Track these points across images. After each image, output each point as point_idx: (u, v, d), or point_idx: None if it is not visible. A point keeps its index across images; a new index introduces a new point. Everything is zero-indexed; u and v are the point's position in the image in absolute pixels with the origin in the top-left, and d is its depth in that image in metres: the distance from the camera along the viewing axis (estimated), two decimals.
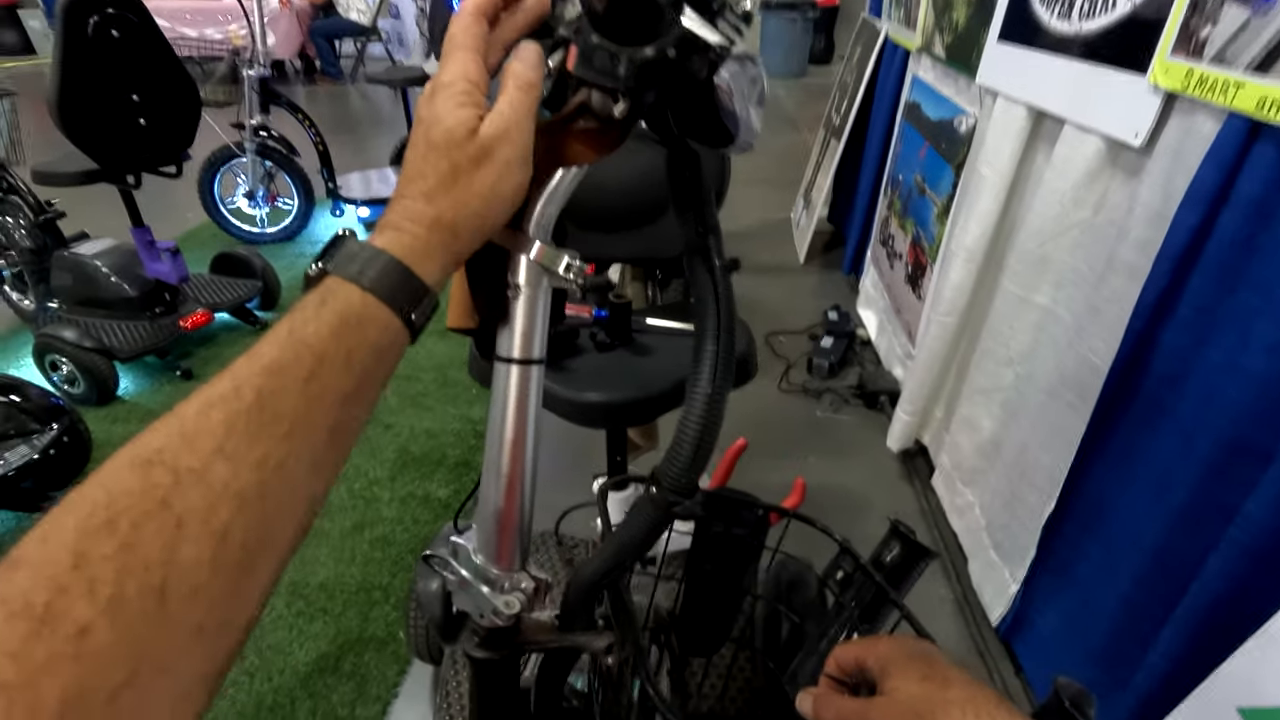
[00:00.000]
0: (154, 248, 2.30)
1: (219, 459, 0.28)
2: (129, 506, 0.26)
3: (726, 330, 0.44)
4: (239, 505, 0.28)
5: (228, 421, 0.29)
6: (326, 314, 0.34)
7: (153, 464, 0.27)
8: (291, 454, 0.30)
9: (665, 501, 0.44)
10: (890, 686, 0.47)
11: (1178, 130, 0.98)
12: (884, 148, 2.60)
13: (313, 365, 0.32)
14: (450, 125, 0.38)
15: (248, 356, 0.32)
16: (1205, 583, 0.89)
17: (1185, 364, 0.97)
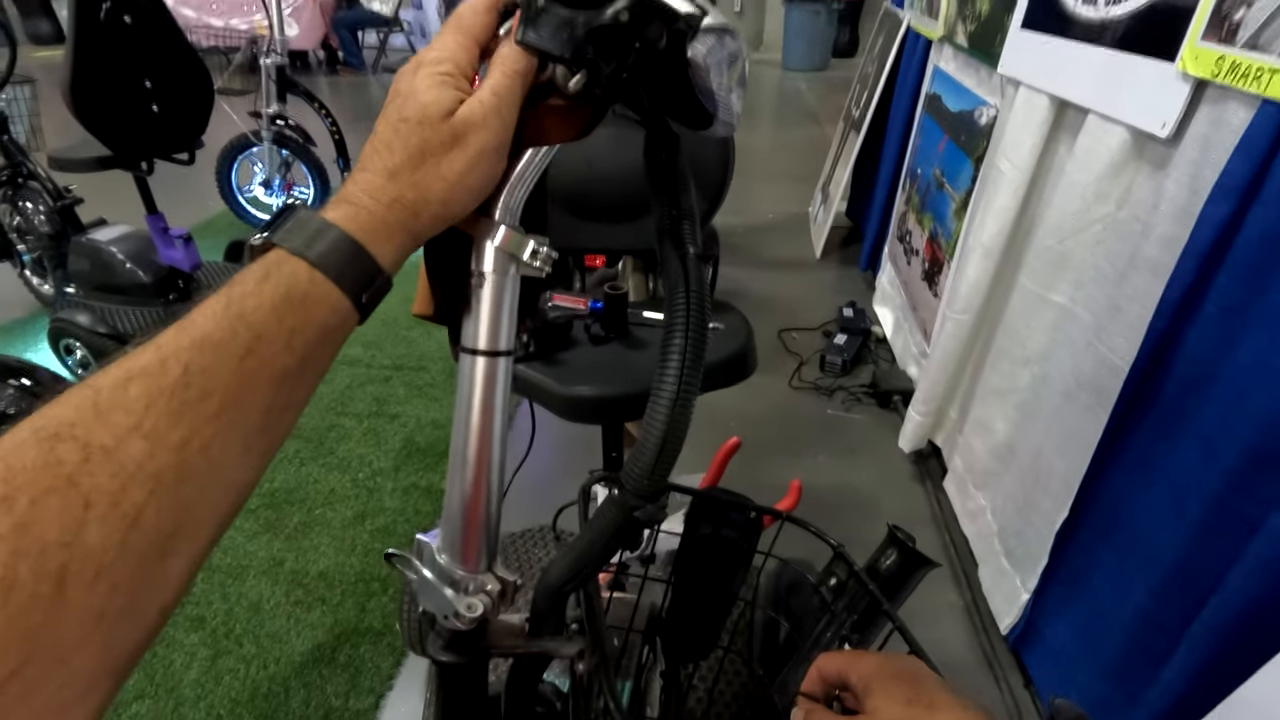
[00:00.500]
0: (168, 235, 2.32)
1: (134, 436, 0.26)
2: (28, 482, 0.24)
3: (696, 323, 0.41)
4: (154, 487, 0.26)
5: (148, 397, 0.27)
6: (269, 289, 0.31)
7: (60, 438, 0.25)
8: (218, 435, 0.28)
9: (627, 505, 0.41)
10: (872, 706, 0.45)
11: (1207, 120, 0.93)
12: (903, 141, 2.54)
13: (250, 342, 0.30)
14: (426, 101, 0.36)
15: (177, 328, 0.29)
16: (1225, 598, 0.84)
17: (1210, 366, 0.92)
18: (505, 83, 0.37)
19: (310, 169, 3.36)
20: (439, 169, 0.36)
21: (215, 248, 2.84)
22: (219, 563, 1.61)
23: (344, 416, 2.13)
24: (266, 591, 1.53)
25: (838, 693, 0.50)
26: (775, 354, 2.46)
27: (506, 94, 0.37)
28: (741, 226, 3.53)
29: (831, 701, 0.50)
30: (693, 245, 0.44)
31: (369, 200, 0.35)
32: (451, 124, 0.36)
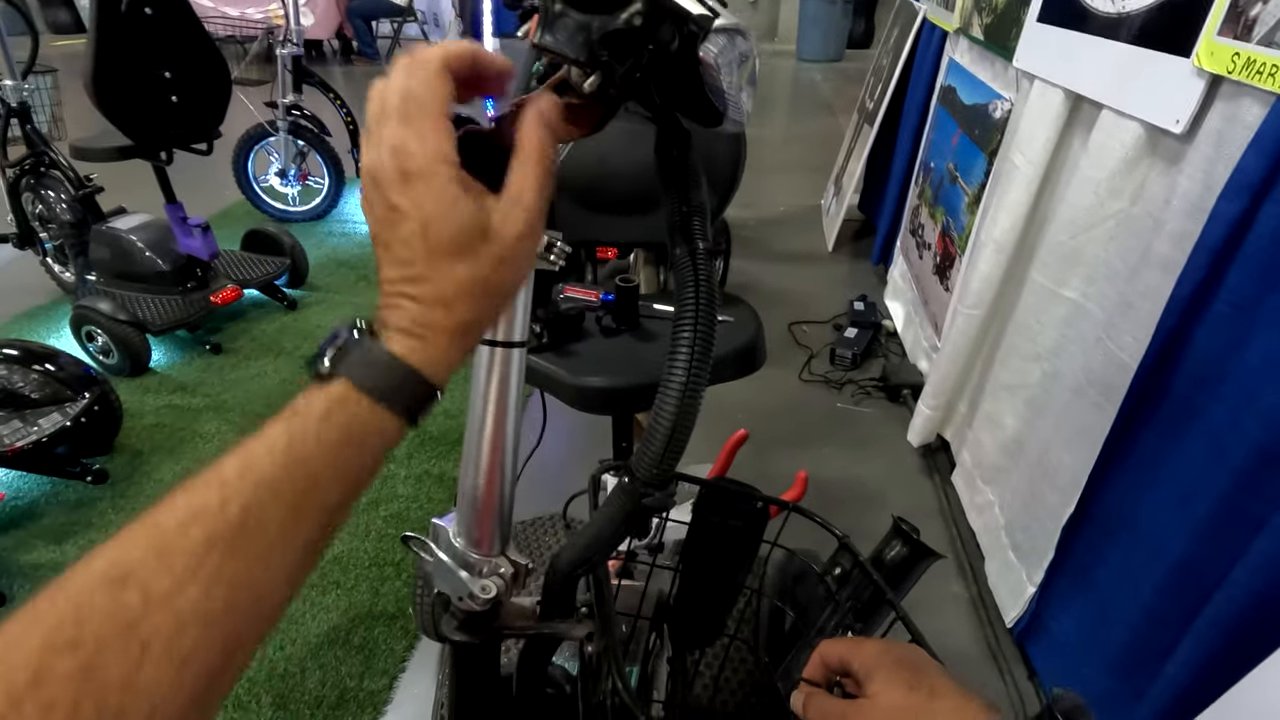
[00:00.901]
0: (186, 224, 2.35)
1: (193, 582, 0.27)
2: (96, 627, 0.25)
3: (705, 316, 0.42)
4: (206, 627, 0.27)
5: (208, 540, 0.28)
6: (331, 430, 0.31)
7: (126, 583, 0.26)
8: (268, 572, 0.29)
9: (637, 492, 0.43)
10: (874, 691, 0.46)
11: (1221, 116, 0.93)
12: (917, 134, 2.53)
13: (306, 484, 0.30)
14: (455, 228, 0.32)
15: (240, 463, 0.30)
16: (1230, 594, 0.85)
17: (1220, 364, 0.92)
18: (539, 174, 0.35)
19: (325, 159, 3.39)
20: (493, 289, 0.34)
21: (232, 237, 2.88)
22: None
23: None
24: None
25: (839, 679, 0.51)
26: (785, 347, 2.47)
27: (543, 188, 0.35)
28: (753, 219, 3.53)
29: (833, 687, 0.51)
30: (702, 240, 0.45)
31: (433, 335, 0.34)
32: (499, 244, 0.34)
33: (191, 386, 2.25)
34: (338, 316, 2.65)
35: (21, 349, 1.82)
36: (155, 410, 2.13)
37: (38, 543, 1.66)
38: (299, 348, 2.46)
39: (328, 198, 3.51)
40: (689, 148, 0.48)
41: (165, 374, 2.32)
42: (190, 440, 2.01)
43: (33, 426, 1.70)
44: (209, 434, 2.03)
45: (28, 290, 2.78)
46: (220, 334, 2.52)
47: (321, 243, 3.30)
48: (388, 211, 0.32)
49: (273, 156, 3.37)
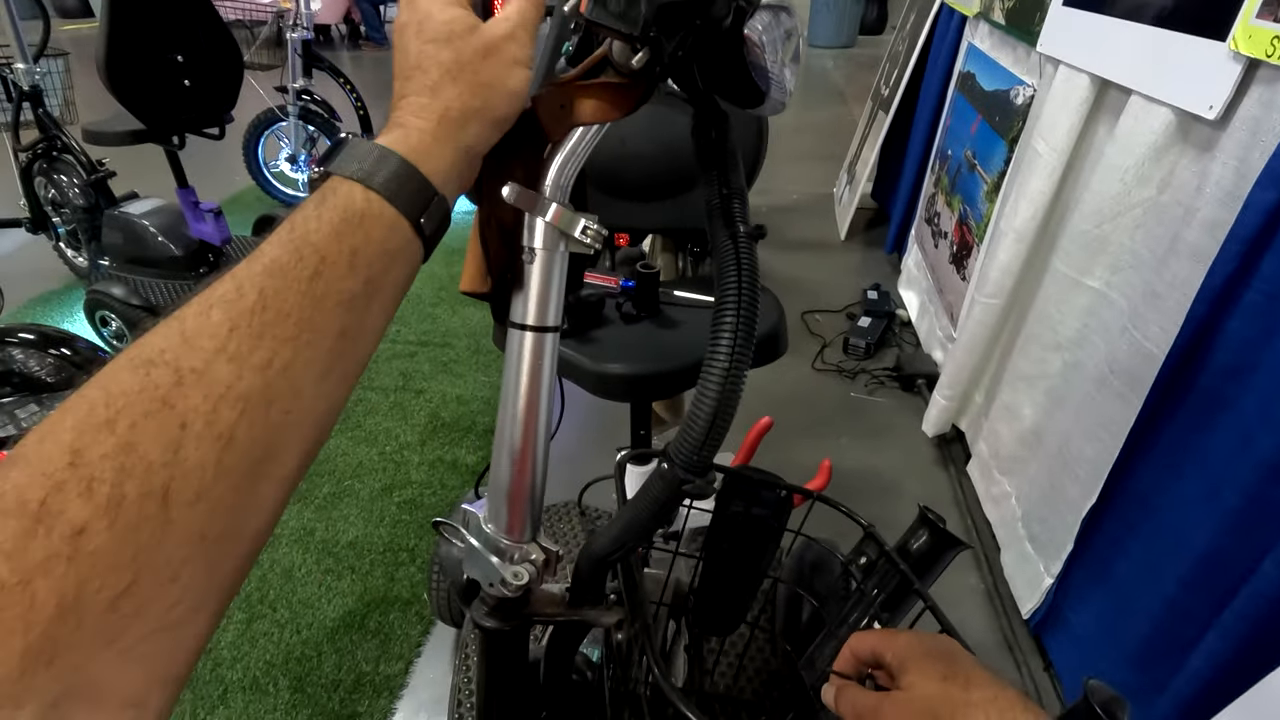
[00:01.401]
0: (198, 209, 2.35)
1: (221, 359, 0.27)
2: (128, 405, 0.25)
3: (748, 301, 0.41)
4: (244, 408, 0.27)
5: (230, 321, 0.28)
6: (327, 212, 0.32)
7: (154, 364, 0.26)
8: (298, 357, 0.29)
9: (676, 480, 0.42)
10: (908, 683, 0.45)
11: (1258, 102, 0.91)
12: (933, 121, 2.49)
13: (315, 264, 0.30)
14: (446, 19, 0.37)
15: (250, 258, 0.30)
16: (1258, 587, 0.84)
17: (1251, 355, 0.91)
18: (527, 5, 0.40)
19: None
20: (478, 76, 0.37)
21: (243, 222, 2.88)
22: None
23: (371, 390, 2.16)
24: (298, 560, 1.58)
25: (870, 671, 0.51)
26: (799, 336, 2.45)
27: (531, 13, 0.40)
28: (765, 207, 3.50)
29: (864, 680, 0.51)
30: (743, 224, 0.44)
31: (415, 119, 0.36)
32: (481, 36, 0.38)
33: None
34: None
35: (37, 333, 1.83)
36: None
37: None
38: None
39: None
40: (728, 129, 0.47)
41: None
42: None
43: (49, 410, 1.71)
44: None
45: (41, 275, 2.79)
46: None
47: None
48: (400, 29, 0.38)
49: (283, 142, 3.36)
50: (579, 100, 0.44)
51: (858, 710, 0.47)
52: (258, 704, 1.28)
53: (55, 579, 0.21)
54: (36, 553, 0.22)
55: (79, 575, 0.22)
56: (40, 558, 0.22)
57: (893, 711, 0.45)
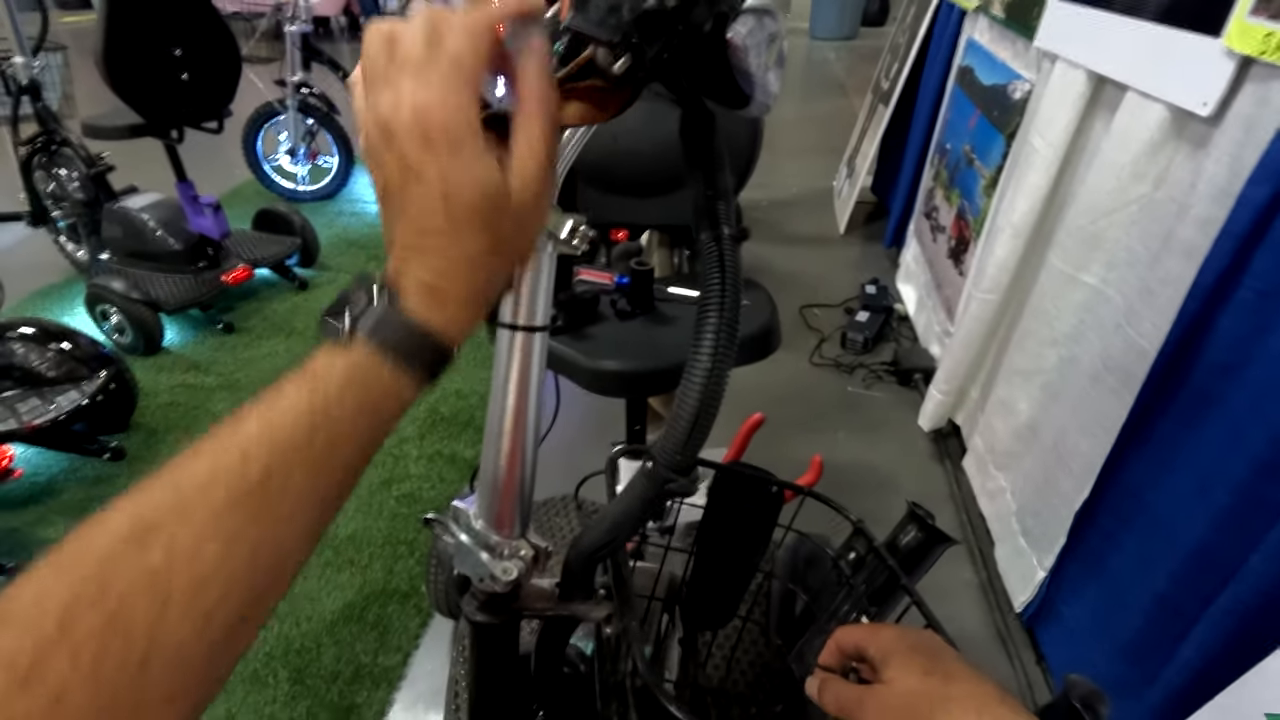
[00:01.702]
0: (197, 203, 2.35)
1: (215, 540, 0.27)
2: (118, 577, 0.26)
3: (730, 302, 0.42)
4: (228, 586, 0.28)
5: (229, 499, 0.28)
6: (352, 395, 0.32)
7: (148, 538, 0.27)
8: (289, 534, 0.30)
9: (660, 479, 0.43)
10: (890, 677, 0.46)
11: (1251, 99, 0.91)
12: (933, 115, 2.49)
13: (326, 448, 0.31)
14: (480, 191, 0.32)
15: (261, 424, 0.30)
16: (1246, 582, 0.84)
17: (1242, 351, 0.91)
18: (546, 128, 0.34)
19: (334, 138, 3.38)
20: (516, 248, 0.36)
21: (243, 216, 2.88)
22: None
23: None
24: None
25: (854, 664, 0.51)
26: (796, 330, 2.46)
27: (550, 140, 0.35)
28: (765, 201, 3.50)
29: (848, 673, 0.52)
30: (727, 225, 0.45)
31: (454, 289, 0.34)
32: (515, 209, 0.33)
33: (205, 365, 2.27)
34: None
35: (38, 327, 1.84)
36: (169, 389, 2.15)
37: (57, 518, 1.68)
38: (310, 327, 2.47)
39: (337, 177, 3.50)
40: (714, 130, 0.48)
41: (179, 353, 2.33)
42: (204, 418, 2.03)
43: (50, 404, 1.72)
44: (222, 413, 2.02)
45: (42, 268, 2.79)
46: (232, 313, 2.53)
47: (332, 222, 3.29)
48: (403, 170, 0.31)
49: (282, 135, 3.36)
50: (565, 103, 0.45)
51: (840, 703, 0.48)
52: (257, 695, 1.30)
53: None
54: (19, 710, 0.23)
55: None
56: (22, 714, 0.23)
57: (874, 704, 0.46)
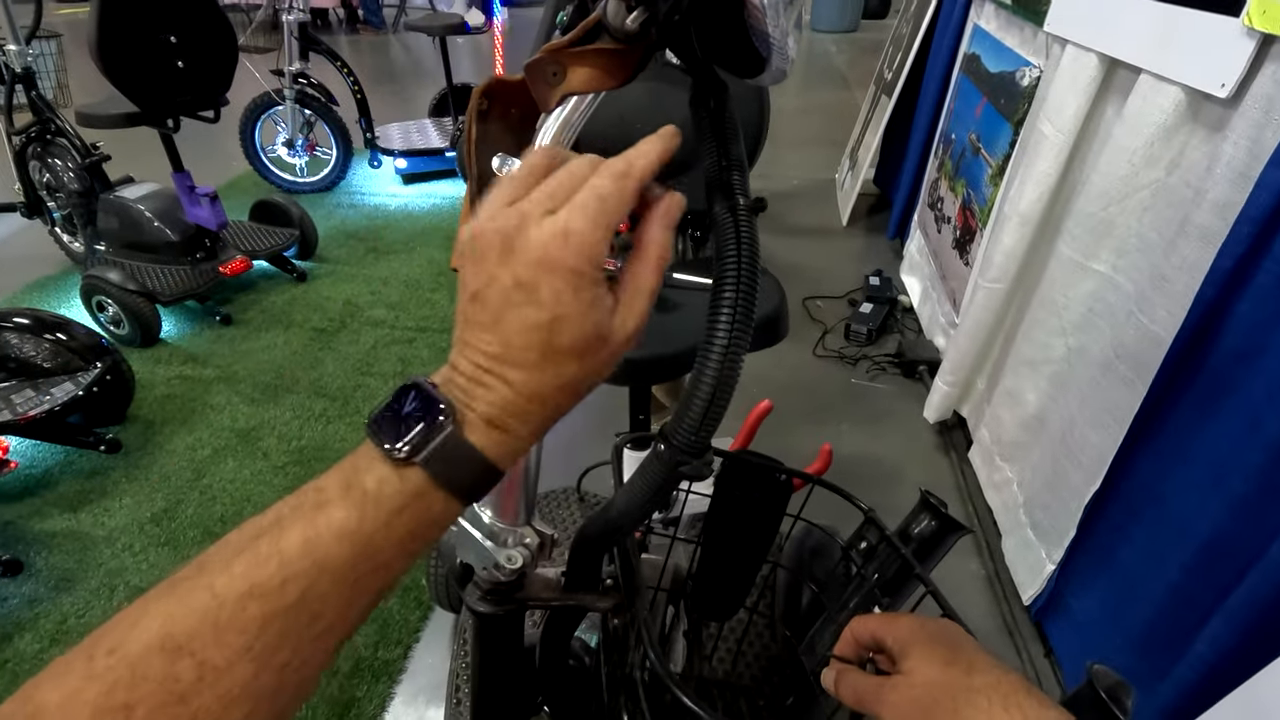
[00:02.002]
0: (194, 193, 2.33)
1: (245, 659, 0.27)
2: (148, 694, 0.25)
3: (748, 276, 0.40)
4: (253, 706, 0.27)
5: (263, 619, 0.27)
6: (404, 524, 0.30)
7: (180, 653, 0.26)
8: (318, 653, 0.29)
9: (673, 460, 0.41)
10: (909, 668, 0.44)
11: (1272, 79, 0.88)
12: (937, 105, 2.46)
13: (366, 570, 0.30)
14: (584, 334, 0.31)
15: (304, 541, 0.29)
16: (1265, 573, 0.83)
17: (1260, 338, 0.89)
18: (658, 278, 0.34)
19: (333, 129, 3.35)
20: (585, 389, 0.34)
21: (241, 207, 2.86)
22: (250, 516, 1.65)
23: (369, 376, 2.16)
24: None
25: (871, 655, 0.50)
26: (800, 322, 2.44)
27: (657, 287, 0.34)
28: (767, 192, 3.47)
29: (864, 664, 0.50)
30: (743, 196, 0.43)
31: (520, 427, 0.32)
32: (610, 348, 0.33)
33: (202, 357, 2.24)
34: (349, 289, 2.64)
35: (33, 318, 1.82)
36: (167, 381, 2.13)
37: (53, 510, 1.66)
38: (309, 320, 2.45)
39: (336, 168, 3.47)
40: (727, 99, 0.46)
41: (176, 345, 2.31)
42: (201, 411, 2.00)
43: (45, 395, 1.70)
44: (220, 405, 2.03)
45: (38, 259, 2.77)
46: (230, 305, 2.51)
47: (330, 214, 3.27)
48: (515, 287, 0.30)
49: (279, 126, 3.33)
50: (572, 67, 0.43)
51: (858, 694, 0.46)
52: None
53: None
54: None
55: None
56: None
57: (894, 696, 0.44)
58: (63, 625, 1.40)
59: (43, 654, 1.34)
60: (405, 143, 3.62)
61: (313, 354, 2.27)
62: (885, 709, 0.44)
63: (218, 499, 1.70)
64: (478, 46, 6.17)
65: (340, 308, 2.53)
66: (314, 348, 2.30)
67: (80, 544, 1.58)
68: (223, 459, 1.83)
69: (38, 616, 1.41)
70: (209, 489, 1.73)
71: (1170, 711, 0.93)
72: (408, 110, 4.36)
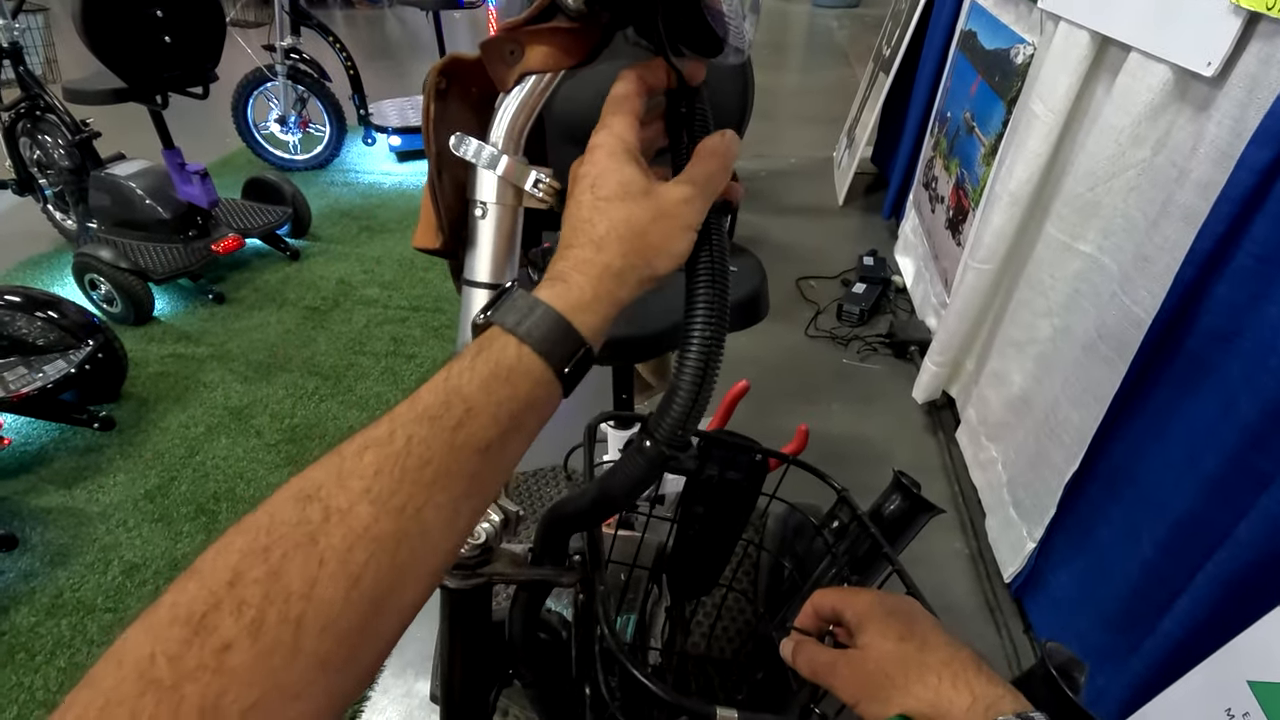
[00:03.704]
0: (184, 170, 2.31)
1: (364, 501, 0.29)
2: (283, 536, 0.28)
3: (720, 270, 0.41)
4: (375, 549, 0.29)
5: (377, 464, 0.30)
6: (480, 365, 0.34)
7: (310, 499, 0.29)
8: (430, 501, 0.31)
9: (659, 455, 0.41)
10: (865, 642, 0.45)
11: (1257, 57, 0.88)
12: (935, 82, 2.44)
13: (460, 415, 0.32)
14: (622, 179, 0.38)
15: (409, 401, 0.33)
16: (1233, 551, 0.84)
17: (1237, 318, 0.89)
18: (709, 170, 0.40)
19: (326, 106, 3.32)
20: (646, 239, 0.37)
21: (234, 185, 2.84)
22: (243, 493, 1.67)
23: (362, 355, 2.16)
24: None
25: (831, 628, 0.51)
26: (793, 302, 2.44)
27: (718, 178, 0.40)
28: (763, 171, 3.45)
29: (824, 637, 0.51)
30: None
31: (577, 275, 0.36)
32: (657, 200, 0.38)
33: (196, 336, 2.25)
34: (342, 268, 2.64)
35: (24, 296, 1.82)
36: (160, 359, 2.13)
37: (48, 487, 1.68)
38: (302, 298, 2.45)
39: (329, 146, 3.44)
40: (696, 92, 0.46)
41: (169, 323, 2.32)
42: (195, 389, 2.02)
43: (38, 373, 1.71)
44: (213, 383, 2.04)
45: (31, 237, 2.77)
46: (223, 283, 2.51)
47: (324, 192, 3.25)
48: (576, 183, 0.39)
49: (272, 102, 3.30)
50: (530, 46, 0.42)
51: (814, 666, 0.47)
52: None
53: (201, 686, 0.24)
54: (190, 661, 0.24)
55: (220, 686, 0.25)
56: (193, 666, 0.24)
57: (848, 669, 0.45)
58: (58, 599, 1.42)
59: (38, 627, 1.37)
60: (400, 120, 3.58)
61: (305, 332, 2.27)
62: (838, 681, 0.45)
63: (210, 476, 1.72)
64: (474, 21, 6.09)
65: (333, 286, 2.53)
66: (307, 326, 2.30)
67: (75, 520, 1.60)
68: (216, 436, 1.84)
69: (33, 591, 1.44)
70: (202, 466, 1.75)
71: (1138, 686, 0.95)
72: (402, 86, 4.31)
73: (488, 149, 0.43)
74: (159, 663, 0.24)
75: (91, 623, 1.37)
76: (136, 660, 0.24)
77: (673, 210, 0.38)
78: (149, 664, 0.24)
